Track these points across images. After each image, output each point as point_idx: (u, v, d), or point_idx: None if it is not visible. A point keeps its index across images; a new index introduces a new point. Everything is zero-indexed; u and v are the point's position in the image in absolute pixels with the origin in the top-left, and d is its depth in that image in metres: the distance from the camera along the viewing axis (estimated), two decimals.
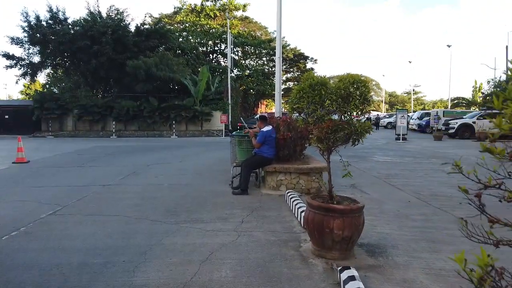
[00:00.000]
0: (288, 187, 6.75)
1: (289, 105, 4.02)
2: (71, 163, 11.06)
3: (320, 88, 3.74)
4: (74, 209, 5.67)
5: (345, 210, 3.58)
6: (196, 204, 6.00)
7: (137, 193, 6.83)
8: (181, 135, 26.66)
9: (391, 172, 9.60)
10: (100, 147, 16.53)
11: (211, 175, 8.76)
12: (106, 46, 25.48)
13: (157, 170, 9.61)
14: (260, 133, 6.82)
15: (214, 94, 29.13)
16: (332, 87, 3.80)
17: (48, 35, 25.66)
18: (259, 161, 6.80)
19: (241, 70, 36.39)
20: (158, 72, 25.78)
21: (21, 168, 9.93)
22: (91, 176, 8.69)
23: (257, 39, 38.24)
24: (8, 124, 27.41)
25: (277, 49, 10.45)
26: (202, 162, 11.30)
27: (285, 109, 47.46)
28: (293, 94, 3.95)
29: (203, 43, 35.59)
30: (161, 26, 29.87)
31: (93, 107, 26.76)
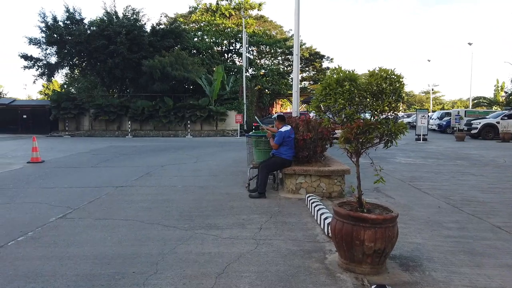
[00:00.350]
0: (308, 191, 6.38)
1: (313, 103, 3.65)
2: (85, 163, 10.92)
3: (349, 84, 3.36)
4: (85, 212, 5.44)
5: (378, 220, 3.20)
6: (212, 208, 5.70)
7: (150, 195, 6.57)
8: (196, 135, 26.51)
9: (415, 174, 9.11)
10: (115, 147, 16.44)
11: (227, 177, 8.46)
12: (121, 46, 25.51)
13: (171, 171, 9.36)
14: (278, 134, 6.47)
15: (229, 94, 28.89)
16: (362, 82, 3.42)
17: (64, 35, 25.84)
18: (277, 163, 6.46)
19: (256, 70, 36.07)
20: (174, 72, 25.69)
21: (35, 168, 9.82)
22: (104, 177, 8.49)
23: (272, 38, 37.87)
24: (26, 124, 27.75)
25: (295, 46, 10.08)
26: (217, 162, 11.01)
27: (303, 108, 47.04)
28: (318, 90, 3.59)
29: (218, 42, 35.40)
30: (176, 26, 29.78)
31: (109, 107, 26.86)
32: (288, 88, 38.20)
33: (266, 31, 40.08)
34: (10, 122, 27.71)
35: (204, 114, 26.51)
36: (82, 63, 29.96)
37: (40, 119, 27.78)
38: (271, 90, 35.25)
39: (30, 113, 27.97)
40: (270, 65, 38.74)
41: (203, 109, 26.50)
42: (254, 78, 34.75)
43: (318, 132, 6.59)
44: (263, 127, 7.12)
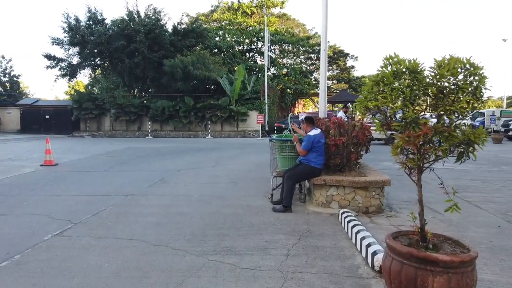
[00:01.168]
0: (341, 204, 5.51)
1: (359, 103, 2.80)
2: (99, 166, 10.38)
3: (411, 78, 2.51)
4: (86, 228, 4.76)
5: (453, 263, 2.33)
6: (229, 224, 4.92)
7: (162, 207, 5.85)
8: (216, 136, 25.90)
9: (460, 183, 8.06)
10: (133, 148, 15.95)
11: (247, 185, 7.67)
12: (141, 45, 25.19)
13: (188, 176, 8.66)
14: (306, 138, 5.63)
15: (251, 94, 28.17)
16: (430, 76, 2.56)
17: (86, 36, 25.74)
18: (305, 171, 5.62)
19: (278, 69, 35.18)
20: (195, 71, 25.19)
21: (46, 172, 9.33)
22: (115, 183, 7.87)
23: (295, 36, 36.87)
24: (48, 124, 27.88)
25: (322, 41, 9.20)
26: (237, 167, 10.25)
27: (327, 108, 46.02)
28: (367, 86, 2.74)
29: (239, 41, 34.73)
30: (197, 25, 29.28)
31: (129, 107, 26.62)
32: (311, 87, 37.17)
33: (288, 29, 39.15)
34: (33, 122, 27.91)
35: (225, 114, 25.87)
36: (104, 63, 29.90)
37: (62, 120, 27.85)
38: (293, 90, 34.27)
39: (53, 113, 28.09)
40: (292, 64, 37.79)
41: (224, 109, 25.88)
42: (276, 78, 33.91)
43: (352, 136, 5.71)
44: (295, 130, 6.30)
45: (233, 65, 32.08)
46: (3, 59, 38.45)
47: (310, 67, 41.80)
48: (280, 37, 34.38)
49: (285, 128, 26.25)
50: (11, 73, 39.02)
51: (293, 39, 35.06)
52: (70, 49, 27.69)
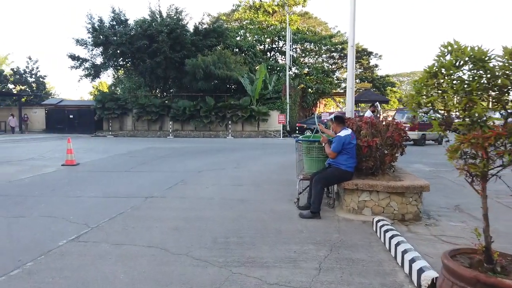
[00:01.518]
0: (374, 211, 5.08)
1: (411, 99, 2.40)
2: (120, 166, 10.24)
3: (477, 67, 2.09)
4: (102, 233, 4.51)
5: None
6: (254, 231, 4.57)
7: (182, 210, 5.57)
8: (237, 136, 25.66)
9: (502, 187, 7.45)
10: (154, 148, 15.86)
11: (271, 187, 7.31)
12: (163, 45, 25.22)
13: (209, 178, 8.37)
14: (336, 139, 5.23)
15: (272, 93, 27.80)
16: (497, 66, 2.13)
17: (110, 36, 25.98)
18: (335, 175, 5.21)
19: (300, 68, 34.67)
20: (216, 71, 25.04)
21: (67, 172, 9.24)
22: (135, 184, 7.66)
23: (317, 35, 36.25)
24: (72, 124, 28.30)
25: (350, 36, 8.73)
26: (260, 168, 9.91)
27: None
28: (421, 79, 2.33)
29: (260, 40, 34.41)
30: (219, 25, 29.13)
31: (151, 107, 26.71)
32: (333, 86, 36.48)
33: (310, 28, 38.56)
34: (58, 121, 28.39)
35: (246, 114, 25.59)
36: (126, 63, 30.16)
37: (85, 119, 28.22)
38: (315, 89, 33.68)
39: (76, 113, 28.50)
40: (314, 63, 37.19)
41: (245, 109, 25.60)
42: (298, 77, 33.42)
43: (386, 137, 5.27)
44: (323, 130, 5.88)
45: (254, 65, 31.78)
46: (30, 60, 39.40)
47: (332, 66, 41.08)
48: (302, 35, 33.85)
49: (306, 128, 25.75)
50: (37, 73, 39.94)
51: (315, 38, 34.45)
52: (93, 50, 28.08)
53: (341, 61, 40.56)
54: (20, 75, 39.14)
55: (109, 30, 26.53)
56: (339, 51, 38.31)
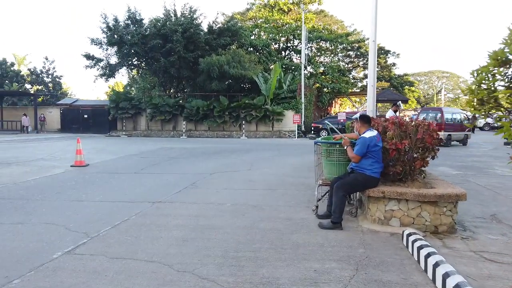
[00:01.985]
0: (403, 222, 4.54)
1: (471, 94, 1.89)
2: (129, 168, 9.91)
3: None
4: (102, 244, 4.11)
5: None
6: (268, 244, 4.10)
7: (190, 218, 5.13)
8: (251, 136, 25.22)
9: None
10: (166, 149, 15.54)
11: (286, 192, 6.82)
12: (177, 44, 24.98)
13: (220, 181, 7.93)
14: (360, 141, 4.71)
15: (286, 93, 27.27)
16: None
17: (124, 35, 25.88)
18: (358, 181, 4.69)
19: (315, 67, 33.99)
20: (231, 70, 24.67)
21: (75, 174, 8.94)
22: (143, 188, 7.28)
23: (333, 33, 35.51)
24: (87, 123, 28.35)
25: (371, 30, 8.17)
26: (274, 170, 9.42)
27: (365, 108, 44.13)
28: (485, 68, 1.82)
29: (275, 39, 33.90)
30: (233, 24, 28.74)
31: (164, 107, 26.51)
32: (349, 86, 35.69)
33: (326, 26, 37.83)
34: (73, 121, 28.48)
35: (260, 114, 25.13)
36: (141, 63, 30.04)
37: (100, 119, 28.23)
38: (331, 89, 32.96)
39: (91, 113, 28.53)
40: (329, 62, 36.46)
41: (259, 109, 25.15)
42: (313, 76, 32.77)
43: (416, 139, 4.72)
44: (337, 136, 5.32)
45: (269, 64, 31.30)
46: (47, 60, 39.84)
47: (348, 65, 40.26)
48: (318, 34, 33.19)
49: (322, 129, 25.13)
50: (53, 74, 40.39)
51: (331, 36, 33.74)
52: (108, 49, 28.06)
53: (357, 59, 39.72)
54: (36, 75, 39.65)
55: (124, 29, 26.45)
56: (356, 50, 37.50)
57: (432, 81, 72.86)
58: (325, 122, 23.92)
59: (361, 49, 37.58)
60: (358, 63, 40.70)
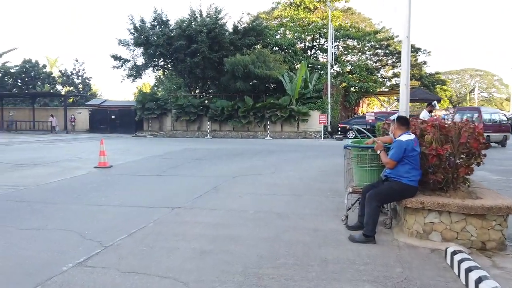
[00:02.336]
0: (445, 237, 4.06)
1: None
2: (152, 169, 9.75)
3: None
4: (115, 255, 3.86)
5: None
6: (293, 259, 3.73)
7: (210, 226, 4.83)
8: (276, 136, 24.84)
9: None
10: (190, 150, 15.40)
11: (313, 198, 6.41)
12: (202, 45, 24.94)
13: (244, 185, 7.61)
14: (396, 144, 4.26)
15: (312, 92, 26.71)
16: None
17: (150, 36, 26.09)
18: (394, 190, 4.24)
19: (342, 66, 33.20)
20: (256, 70, 24.37)
21: (97, 176, 8.86)
22: (164, 191, 7.06)
23: (361, 31, 34.56)
24: (114, 124, 28.77)
25: (404, 26, 7.60)
26: (300, 174, 9.01)
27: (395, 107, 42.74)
28: None
29: (301, 38, 33.36)
30: (258, 23, 28.43)
31: (189, 107, 26.54)
32: (378, 85, 34.68)
33: (353, 24, 36.92)
34: (101, 122, 28.98)
35: (285, 114, 24.70)
36: (166, 64, 30.24)
37: (126, 120, 28.60)
38: (358, 88, 32.07)
39: (118, 114, 28.94)
40: (357, 61, 35.54)
41: (284, 109, 24.72)
42: (339, 75, 32.01)
43: (459, 143, 4.22)
44: (369, 141, 4.87)
45: (294, 63, 30.81)
46: (77, 62, 40.91)
47: (376, 64, 39.16)
48: (344, 32, 32.37)
49: (349, 129, 24.44)
50: (83, 75, 41.39)
51: (359, 34, 32.83)
52: (134, 50, 28.40)
53: (386, 58, 38.57)
54: (67, 76, 40.75)
55: (150, 30, 26.68)
56: (384, 48, 36.40)
57: (465, 80, 70.01)
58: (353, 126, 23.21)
59: (390, 47, 36.45)
60: (386, 61, 39.53)
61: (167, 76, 35.08)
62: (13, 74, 37.75)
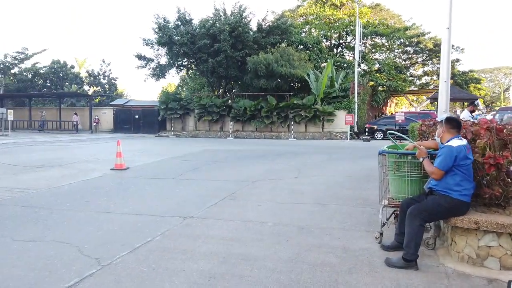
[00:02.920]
0: (505, 264, 3.33)
1: None
2: (169, 172, 9.32)
3: None
4: (111, 277, 3.35)
5: None
6: None
7: (223, 242, 4.26)
8: (300, 137, 24.11)
9: None
10: (210, 151, 14.94)
11: (340, 209, 5.74)
12: (225, 44, 24.53)
13: (263, 191, 7.02)
14: (444, 150, 3.54)
15: (338, 91, 25.80)
16: None
17: (173, 35, 25.93)
18: (442, 206, 3.52)
19: (369, 64, 32.01)
20: (279, 68, 23.72)
21: (111, 178, 8.48)
22: (177, 197, 6.56)
23: (390, 27, 33.24)
24: (137, 124, 28.80)
25: (446, 15, 6.81)
26: (325, 179, 8.32)
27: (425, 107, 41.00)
28: None
29: (326, 36, 32.43)
30: (283, 21, 27.74)
31: (212, 107, 26.21)
32: (407, 84, 33.29)
33: (382, 20, 35.62)
34: (124, 121, 29.09)
35: (310, 114, 23.95)
36: (190, 63, 30.04)
37: (150, 119, 28.58)
38: (387, 87, 30.81)
39: (141, 114, 28.95)
40: (385, 59, 34.23)
41: (308, 109, 23.97)
42: (367, 74, 30.85)
43: None
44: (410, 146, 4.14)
45: (320, 62, 29.93)
46: (103, 63, 41.51)
47: (406, 62, 37.68)
48: (373, 29, 31.18)
49: (377, 130, 23.39)
50: (109, 75, 41.96)
51: (388, 31, 31.55)
52: (159, 50, 28.35)
53: (416, 56, 37.04)
54: (94, 77, 41.41)
55: (174, 30, 26.51)
56: (415, 45, 34.92)
57: (499, 79, 66.70)
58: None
59: (421, 44, 34.93)
60: (416, 59, 37.98)
61: (191, 76, 34.96)
62: (42, 75, 38.69)
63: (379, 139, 23.06)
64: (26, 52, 37.62)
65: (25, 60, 38.01)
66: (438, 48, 36.18)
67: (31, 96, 32.68)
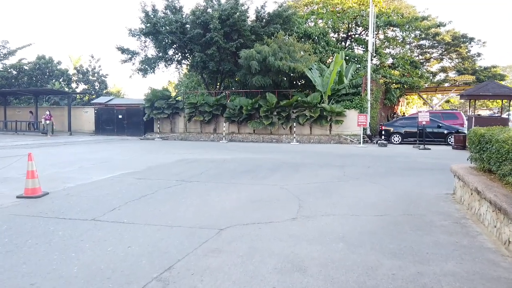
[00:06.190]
0: None
1: None
2: (101, 203, 6.05)
3: None
4: None
5: None
6: None
7: None
8: (303, 141, 20.79)
9: None
10: (188, 161, 11.65)
11: None
12: (216, 34, 21.26)
13: (231, 261, 3.72)
14: None
15: (348, 88, 22.42)
16: None
17: (160, 24, 22.69)
18: None
19: (382, 58, 28.56)
20: (276, 62, 20.29)
21: (3, 215, 5.21)
22: (68, 269, 3.29)
23: (404, 17, 29.72)
24: (121, 125, 25.56)
25: None
26: (343, 223, 5.01)
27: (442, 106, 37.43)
28: None
29: (334, 27, 29.01)
30: (284, 9, 24.36)
31: (204, 106, 22.97)
32: (424, 80, 29.83)
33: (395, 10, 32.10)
34: (107, 122, 25.89)
35: (315, 114, 20.60)
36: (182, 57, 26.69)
37: (135, 120, 25.38)
38: (402, 83, 27.35)
39: (126, 113, 25.69)
40: (399, 53, 30.75)
41: (314, 108, 20.62)
42: (379, 69, 27.40)
43: None
44: None
45: (326, 56, 26.54)
46: (92, 59, 38.42)
47: (421, 57, 34.19)
48: (386, 19, 27.70)
49: (394, 132, 20.01)
50: (99, 72, 38.85)
51: (403, 21, 28.04)
52: (146, 41, 25.11)
53: (433, 49, 33.55)
54: (83, 74, 38.31)
55: (162, 19, 23.26)
56: (432, 37, 31.41)
57: None
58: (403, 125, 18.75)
59: (438, 37, 31.42)
60: (431, 54, 34.49)
61: (185, 73, 31.78)
62: (26, 72, 35.64)
63: (396, 143, 19.69)
64: (8, 46, 34.60)
65: (9, 56, 35.05)
66: (456, 41, 32.69)
67: (4, 94, 29.54)
